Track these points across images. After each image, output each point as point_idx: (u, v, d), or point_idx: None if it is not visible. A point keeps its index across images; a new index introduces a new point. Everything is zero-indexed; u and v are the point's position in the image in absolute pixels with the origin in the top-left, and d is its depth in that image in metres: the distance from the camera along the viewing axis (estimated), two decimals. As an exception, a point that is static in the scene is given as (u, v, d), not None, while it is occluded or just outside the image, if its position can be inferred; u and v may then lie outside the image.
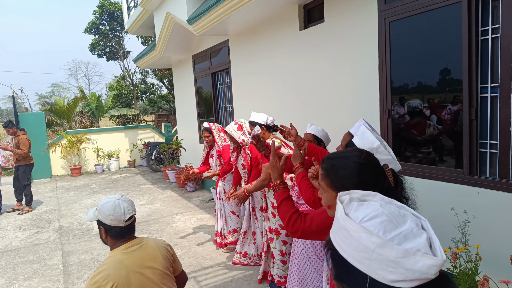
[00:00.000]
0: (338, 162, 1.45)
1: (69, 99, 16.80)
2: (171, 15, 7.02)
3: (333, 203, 1.42)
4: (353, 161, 1.44)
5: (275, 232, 3.71)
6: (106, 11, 21.30)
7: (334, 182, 1.44)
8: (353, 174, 1.41)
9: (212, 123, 5.08)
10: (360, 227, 0.79)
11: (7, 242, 5.90)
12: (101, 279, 1.92)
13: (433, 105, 3.46)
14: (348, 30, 4.17)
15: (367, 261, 0.78)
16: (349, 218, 0.82)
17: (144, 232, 5.89)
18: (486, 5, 2.91)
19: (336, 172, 1.44)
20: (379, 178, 1.44)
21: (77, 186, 10.21)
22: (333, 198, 1.43)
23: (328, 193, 1.47)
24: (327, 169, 1.47)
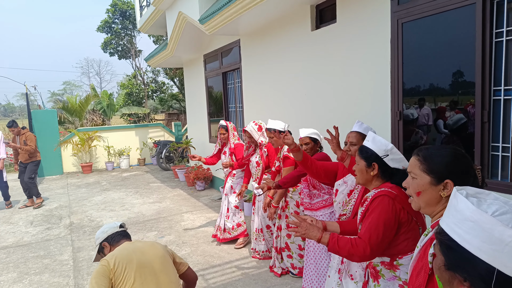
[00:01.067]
0: (435, 151, 1.50)
1: (81, 97, 16.98)
2: (183, 15, 7.06)
3: (425, 188, 1.47)
4: (450, 150, 1.49)
5: None
6: (119, 10, 21.47)
7: (430, 167, 1.47)
8: (449, 162, 1.45)
9: (229, 122, 5.25)
10: (495, 220, 0.81)
11: (19, 237, 5.99)
12: (107, 257, 2.22)
13: (443, 108, 3.43)
14: (360, 31, 4.16)
15: (497, 253, 0.79)
16: (481, 210, 0.84)
17: (153, 230, 5.93)
18: (501, 7, 2.88)
19: (433, 159, 1.47)
20: (470, 174, 1.46)
21: (88, 183, 10.32)
22: (426, 183, 1.47)
23: (421, 178, 1.48)
24: (424, 155, 1.51)
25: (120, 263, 2.17)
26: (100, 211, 7.21)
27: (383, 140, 2.17)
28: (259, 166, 4.61)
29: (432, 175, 1.46)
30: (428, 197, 1.47)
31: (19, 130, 7.78)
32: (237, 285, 4.01)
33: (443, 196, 1.43)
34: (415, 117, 3.68)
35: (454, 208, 0.91)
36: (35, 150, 7.79)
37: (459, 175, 1.43)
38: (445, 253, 0.91)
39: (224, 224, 5.14)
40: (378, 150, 2.14)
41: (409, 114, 3.73)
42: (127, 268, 2.16)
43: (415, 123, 3.71)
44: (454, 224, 0.89)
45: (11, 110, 69.11)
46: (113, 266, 2.15)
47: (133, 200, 8.01)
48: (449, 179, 1.43)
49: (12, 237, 5.98)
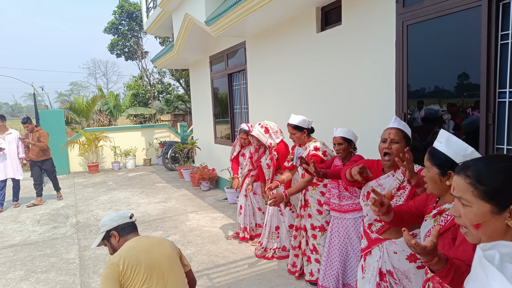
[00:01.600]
0: (489, 167, 1.16)
1: (88, 98, 17.11)
2: (189, 16, 7.11)
3: (486, 219, 1.13)
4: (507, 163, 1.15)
5: (320, 229, 3.80)
6: (126, 11, 21.63)
7: (488, 191, 1.13)
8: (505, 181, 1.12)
9: (250, 125, 5.31)
10: None
11: (26, 235, 6.05)
12: (115, 259, 2.19)
13: (450, 109, 3.44)
14: (365, 33, 4.17)
15: None
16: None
17: (159, 229, 5.97)
18: (507, 9, 2.88)
19: (490, 179, 1.14)
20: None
21: (94, 183, 10.39)
22: (486, 212, 1.13)
23: (478, 206, 1.15)
24: (477, 176, 1.17)
25: (129, 265, 2.16)
26: (106, 211, 7.27)
27: (461, 142, 1.78)
28: (269, 168, 4.61)
29: (492, 202, 1.12)
30: (491, 229, 1.13)
31: (33, 127, 7.88)
32: (241, 284, 4.03)
33: (511, 226, 1.10)
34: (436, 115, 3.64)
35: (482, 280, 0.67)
36: (48, 146, 7.93)
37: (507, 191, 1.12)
38: None
39: (249, 224, 5.26)
40: (455, 156, 1.78)
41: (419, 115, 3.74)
42: (135, 270, 2.16)
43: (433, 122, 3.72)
44: None
45: (18, 110, 69.65)
46: (122, 268, 2.15)
47: (139, 199, 8.07)
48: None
49: (19, 236, 6.05)
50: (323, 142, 3.93)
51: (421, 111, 3.69)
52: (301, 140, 3.90)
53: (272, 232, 4.69)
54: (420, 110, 3.67)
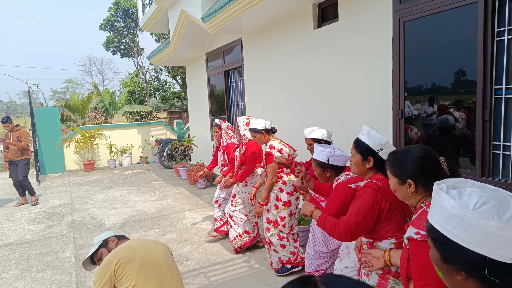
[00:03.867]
0: (399, 155, 1.78)
1: (83, 95, 16.99)
2: (185, 13, 7.07)
3: (396, 188, 1.78)
4: (413, 154, 1.73)
5: (274, 223, 4.09)
6: (121, 8, 21.51)
7: (396, 171, 1.76)
8: (411, 165, 1.71)
9: (223, 121, 5.33)
10: (477, 214, 0.88)
11: (21, 234, 6.02)
12: (111, 256, 2.25)
13: (445, 106, 3.43)
14: (362, 29, 4.16)
15: (485, 243, 0.86)
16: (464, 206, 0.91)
17: (155, 227, 5.95)
18: (503, 6, 2.88)
19: (397, 163, 1.76)
20: (435, 168, 1.69)
21: (90, 181, 10.35)
22: (395, 183, 1.78)
23: (392, 180, 1.80)
24: (391, 160, 1.80)
25: (123, 261, 2.19)
26: (102, 209, 7.24)
27: (378, 134, 2.32)
28: (236, 160, 4.86)
29: (397, 178, 1.76)
30: (400, 193, 1.78)
31: (13, 126, 7.73)
32: (238, 282, 4.02)
33: (410, 193, 1.71)
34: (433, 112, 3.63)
35: (439, 205, 0.97)
36: (28, 146, 7.78)
37: (419, 173, 1.69)
38: (439, 249, 0.97)
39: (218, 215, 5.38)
40: (373, 145, 2.30)
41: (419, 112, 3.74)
42: (129, 266, 2.18)
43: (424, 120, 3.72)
44: (442, 221, 0.95)
45: (13, 108, 69.31)
46: (116, 263, 2.18)
47: (135, 198, 8.04)
48: (411, 179, 1.69)
49: (14, 235, 6.02)
50: (281, 141, 4.20)
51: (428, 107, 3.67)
52: (262, 141, 4.25)
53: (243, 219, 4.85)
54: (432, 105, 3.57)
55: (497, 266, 0.85)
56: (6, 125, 7.64)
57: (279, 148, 4.03)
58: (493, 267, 0.85)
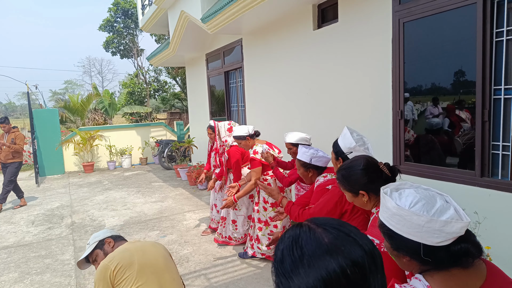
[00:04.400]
0: (345, 172, 1.97)
1: (82, 96, 17.00)
2: (185, 14, 7.07)
3: (353, 200, 1.97)
4: (356, 169, 1.93)
5: (265, 223, 4.40)
6: (121, 9, 21.51)
7: (347, 187, 1.95)
8: (359, 179, 1.91)
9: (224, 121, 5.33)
10: (411, 212, 1.12)
11: (20, 237, 6.01)
12: (108, 261, 2.20)
13: (447, 107, 3.43)
14: (362, 30, 4.16)
15: (419, 233, 1.12)
16: (401, 207, 1.15)
17: (155, 229, 5.95)
18: (501, 7, 2.88)
19: (346, 180, 1.96)
20: (378, 174, 1.91)
21: (90, 182, 10.34)
22: (350, 197, 1.98)
23: (346, 194, 1.99)
24: (340, 179, 1.99)
25: (121, 266, 2.17)
26: (102, 211, 7.24)
27: (351, 139, 2.49)
28: (224, 164, 5.05)
29: (350, 192, 1.95)
30: (358, 203, 1.97)
31: (10, 127, 7.66)
32: (239, 284, 4.02)
33: (365, 202, 1.92)
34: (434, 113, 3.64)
35: (385, 206, 1.21)
36: (22, 149, 7.70)
37: (367, 184, 1.89)
38: (388, 240, 1.23)
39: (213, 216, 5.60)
40: (344, 147, 2.53)
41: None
42: (128, 270, 2.16)
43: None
44: (388, 218, 1.20)
45: (12, 109, 69.28)
46: (114, 268, 2.16)
47: (135, 199, 8.03)
48: (362, 190, 1.89)
49: (13, 237, 6.01)
50: (267, 143, 4.44)
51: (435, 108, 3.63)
52: (248, 146, 4.39)
53: (229, 224, 5.02)
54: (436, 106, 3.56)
55: (429, 249, 1.11)
56: (3, 126, 7.57)
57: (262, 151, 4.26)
58: (426, 250, 1.12)
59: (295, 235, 0.83)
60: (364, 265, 0.77)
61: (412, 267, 1.20)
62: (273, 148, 4.43)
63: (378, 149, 4.00)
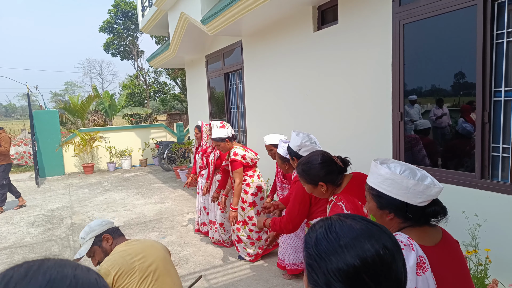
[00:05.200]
0: (305, 167, 2.26)
1: (82, 98, 16.98)
2: (185, 15, 7.08)
3: (312, 191, 2.29)
4: (315, 164, 2.23)
5: (243, 223, 4.54)
6: (121, 10, 21.52)
7: (307, 179, 2.25)
8: (317, 172, 2.21)
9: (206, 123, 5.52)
10: (402, 177, 1.42)
11: (20, 237, 6.01)
12: (108, 266, 2.13)
13: (463, 107, 3.44)
14: (362, 31, 4.17)
15: (406, 194, 1.41)
16: (395, 173, 1.43)
17: (155, 230, 5.94)
18: (502, 9, 2.89)
19: (306, 173, 2.25)
20: (333, 166, 2.23)
21: (90, 183, 10.34)
22: (309, 188, 2.28)
23: (306, 186, 2.29)
24: (300, 173, 2.29)
25: (123, 272, 2.13)
26: (102, 212, 7.23)
27: (297, 138, 2.95)
28: (211, 164, 5.10)
29: (310, 184, 2.25)
30: (317, 193, 2.28)
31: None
32: (238, 285, 4.02)
33: (323, 191, 2.22)
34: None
35: (377, 174, 1.49)
36: (8, 152, 7.49)
37: (325, 175, 2.20)
38: (377, 200, 1.50)
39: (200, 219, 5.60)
40: (294, 147, 2.95)
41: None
42: (129, 276, 2.13)
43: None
44: (380, 183, 1.48)
45: (12, 111, 69.29)
46: (115, 274, 2.11)
47: (135, 200, 8.03)
48: (322, 182, 2.18)
49: (13, 238, 6.00)
50: (244, 146, 4.60)
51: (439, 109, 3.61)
52: (226, 148, 4.51)
53: (217, 227, 5.07)
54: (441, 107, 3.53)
55: (412, 207, 1.42)
56: None
57: (242, 154, 4.42)
58: (410, 208, 1.42)
59: (327, 223, 0.91)
60: (392, 249, 0.85)
61: (392, 225, 1.48)
62: (251, 151, 4.59)
63: (378, 150, 4.00)
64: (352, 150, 4.15)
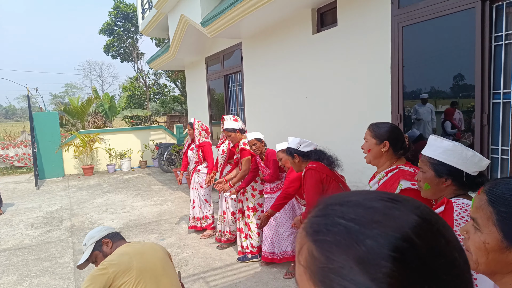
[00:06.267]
0: (381, 124, 2.36)
1: (82, 99, 16.99)
2: (185, 18, 7.09)
3: (372, 147, 2.32)
4: (390, 125, 2.35)
5: (253, 209, 4.71)
6: (121, 12, 21.54)
7: (375, 133, 2.32)
8: (388, 131, 2.30)
9: (198, 121, 5.68)
10: (461, 148, 1.64)
11: (19, 239, 6.00)
12: (106, 265, 2.17)
13: (446, 110, 3.44)
14: (361, 34, 4.18)
15: (464, 163, 1.63)
16: (456, 145, 1.65)
17: (154, 232, 5.94)
18: (500, 11, 2.90)
19: (378, 127, 2.33)
20: (402, 139, 2.32)
21: (89, 185, 10.34)
22: (372, 144, 2.32)
23: (370, 141, 2.34)
24: (373, 126, 2.36)
25: (120, 271, 2.14)
26: (101, 213, 7.23)
27: (293, 138, 3.38)
28: (223, 154, 5.25)
29: (375, 139, 2.31)
30: (374, 152, 2.32)
31: None
32: (238, 287, 4.02)
33: (383, 151, 2.28)
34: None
35: (437, 145, 1.70)
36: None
37: (393, 139, 2.27)
38: (436, 168, 1.69)
39: (194, 214, 5.73)
40: (293, 145, 3.35)
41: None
42: (127, 275, 2.13)
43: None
44: (440, 154, 1.68)
45: (12, 112, 69.33)
46: (112, 272, 2.12)
47: (134, 202, 8.03)
48: (387, 140, 2.26)
49: (12, 240, 6.00)
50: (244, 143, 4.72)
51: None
52: (236, 139, 4.76)
53: (220, 215, 5.24)
54: None
55: (468, 176, 1.64)
56: None
57: None
58: (467, 177, 1.63)
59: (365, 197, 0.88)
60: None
61: (447, 191, 1.69)
62: None
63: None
64: (351, 152, 4.15)
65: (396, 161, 2.30)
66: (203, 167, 5.66)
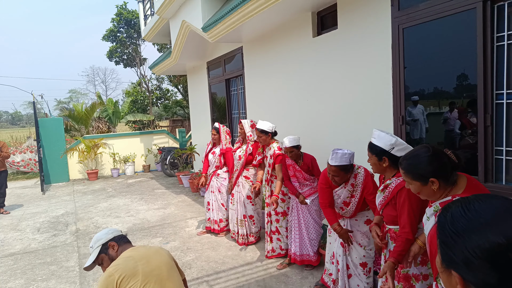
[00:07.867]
0: (411, 161, 1.95)
1: (87, 105, 17.06)
2: (186, 23, 7.13)
3: (420, 190, 1.93)
4: (424, 156, 1.91)
5: (282, 214, 4.71)
6: (124, 19, 21.65)
7: (415, 175, 1.92)
8: (427, 166, 1.88)
9: (222, 125, 5.74)
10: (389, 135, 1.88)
11: (26, 244, 6.03)
12: (112, 270, 2.18)
13: (459, 109, 3.44)
14: (361, 36, 4.18)
15: None
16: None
17: (158, 236, 5.95)
18: (501, 11, 2.89)
19: (413, 168, 1.93)
20: (445, 161, 1.90)
21: (94, 190, 10.37)
22: (417, 186, 1.93)
23: (414, 184, 1.95)
24: (406, 168, 1.96)
25: (125, 276, 2.15)
26: (106, 218, 7.25)
27: (388, 136, 2.58)
28: (240, 160, 5.26)
29: (418, 181, 1.91)
30: (426, 193, 1.93)
31: None
32: (241, 290, 4.01)
33: (435, 189, 1.87)
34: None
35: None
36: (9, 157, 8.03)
37: (437, 170, 1.86)
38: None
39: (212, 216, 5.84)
40: (385, 146, 2.57)
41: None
42: (132, 280, 2.14)
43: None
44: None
45: (18, 119, 69.75)
46: (118, 278, 2.14)
47: (138, 206, 8.05)
48: (432, 177, 1.85)
49: (19, 244, 6.03)
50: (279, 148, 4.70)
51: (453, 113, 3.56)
52: (267, 142, 4.73)
53: (241, 219, 5.30)
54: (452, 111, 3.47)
55: None
56: None
57: None
58: None
59: (464, 201, 0.87)
60: None
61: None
62: None
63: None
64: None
65: (452, 189, 1.89)
66: (222, 171, 5.78)
